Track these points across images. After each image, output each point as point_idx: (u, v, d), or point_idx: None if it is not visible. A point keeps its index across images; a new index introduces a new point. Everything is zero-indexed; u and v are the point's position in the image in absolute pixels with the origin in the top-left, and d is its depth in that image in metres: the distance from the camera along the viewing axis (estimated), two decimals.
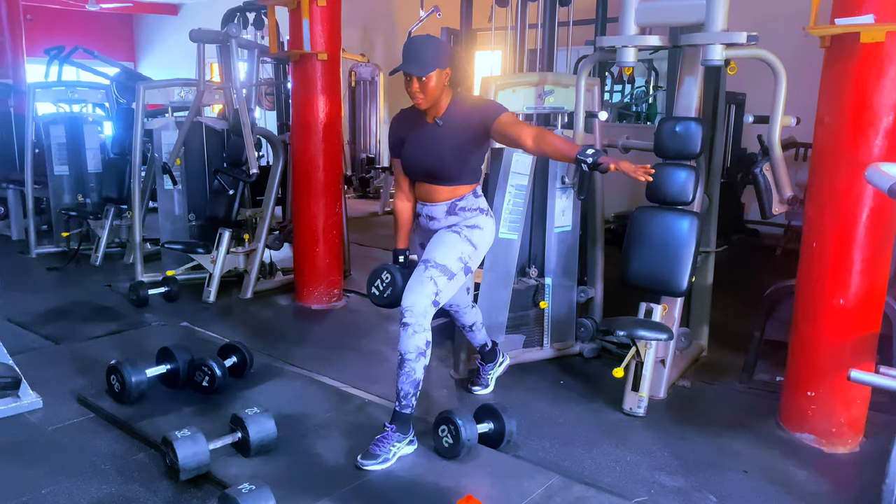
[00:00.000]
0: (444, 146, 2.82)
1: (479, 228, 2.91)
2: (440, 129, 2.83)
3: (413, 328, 2.73)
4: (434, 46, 2.74)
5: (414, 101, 2.81)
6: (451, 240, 2.87)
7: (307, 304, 5.06)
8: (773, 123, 3.08)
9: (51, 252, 6.50)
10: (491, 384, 3.60)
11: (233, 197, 5.15)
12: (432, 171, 2.88)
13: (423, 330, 2.74)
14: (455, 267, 2.82)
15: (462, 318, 3.35)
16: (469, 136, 2.80)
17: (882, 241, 2.92)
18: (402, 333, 2.76)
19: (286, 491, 2.55)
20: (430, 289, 2.76)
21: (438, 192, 2.90)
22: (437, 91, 2.76)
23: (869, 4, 2.70)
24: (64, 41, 8.52)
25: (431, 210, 2.95)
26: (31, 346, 4.10)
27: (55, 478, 2.71)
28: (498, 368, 3.60)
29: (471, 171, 2.90)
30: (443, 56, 2.74)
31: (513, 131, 2.68)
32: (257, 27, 6.68)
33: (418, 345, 2.74)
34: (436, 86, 2.74)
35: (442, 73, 2.75)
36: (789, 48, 3.51)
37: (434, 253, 2.84)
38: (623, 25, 3.31)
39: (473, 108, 2.82)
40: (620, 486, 2.77)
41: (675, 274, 3.37)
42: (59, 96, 6.76)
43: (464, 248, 2.86)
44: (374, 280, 2.99)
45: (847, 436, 3.06)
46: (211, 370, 3.36)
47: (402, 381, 2.78)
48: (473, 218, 2.91)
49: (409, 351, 2.75)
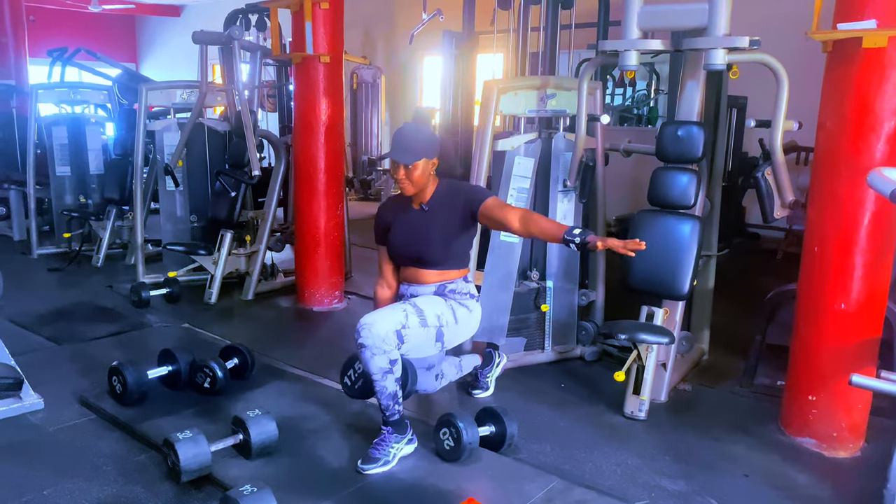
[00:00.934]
0: (429, 230, 2.85)
1: (468, 309, 2.90)
2: (426, 213, 2.87)
3: (371, 350, 2.66)
4: (423, 137, 2.81)
5: (399, 187, 2.85)
6: (437, 301, 2.85)
7: (308, 306, 5.07)
8: (774, 128, 3.08)
9: (52, 253, 6.51)
10: (491, 387, 3.60)
11: (234, 198, 5.15)
12: (418, 256, 2.88)
13: (383, 352, 2.67)
14: (431, 320, 2.78)
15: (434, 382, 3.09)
16: (455, 221, 2.83)
17: (883, 245, 2.92)
18: (362, 355, 2.70)
19: (287, 493, 2.55)
20: (399, 318, 2.71)
21: (426, 276, 2.89)
22: (423, 179, 2.81)
23: (871, 9, 2.70)
24: (66, 42, 8.55)
25: (417, 290, 2.92)
26: (32, 347, 4.11)
27: (56, 479, 2.72)
28: (496, 370, 3.62)
29: (458, 255, 2.90)
30: (431, 146, 2.80)
31: (499, 214, 2.69)
32: (259, 29, 6.68)
33: (381, 366, 2.68)
34: (421, 174, 2.79)
35: (428, 163, 2.81)
36: (791, 53, 3.51)
37: (418, 299, 2.84)
38: (625, 29, 3.31)
39: (458, 193, 2.85)
40: (621, 489, 2.77)
41: (677, 277, 3.37)
42: (61, 97, 6.77)
43: (445, 312, 2.83)
44: (347, 370, 2.99)
45: (848, 440, 3.06)
46: (212, 372, 3.37)
47: (381, 398, 2.75)
48: (464, 300, 2.91)
49: (374, 372, 2.70)
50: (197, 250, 5.23)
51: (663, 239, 3.42)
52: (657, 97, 8.49)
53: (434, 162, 2.83)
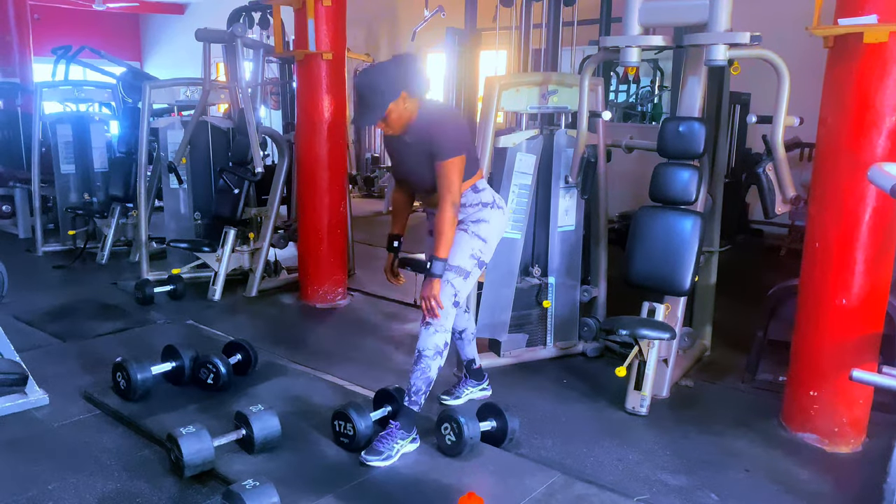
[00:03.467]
0: (415, 160, 2.87)
1: (486, 222, 2.92)
2: (409, 145, 2.87)
3: (434, 327, 2.82)
4: (379, 84, 2.73)
5: (387, 133, 2.87)
6: (460, 239, 2.88)
7: (311, 303, 5.09)
8: (776, 123, 3.08)
9: (57, 250, 6.54)
10: (462, 400, 3.43)
11: (238, 196, 5.17)
12: (414, 183, 3.00)
13: (444, 330, 2.84)
14: (468, 265, 2.87)
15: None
16: (428, 152, 2.80)
17: (885, 241, 2.92)
18: (422, 331, 2.85)
19: (290, 487, 2.57)
20: (449, 291, 2.83)
21: (433, 197, 2.89)
22: (402, 118, 2.79)
23: (872, 5, 2.70)
24: (71, 40, 8.57)
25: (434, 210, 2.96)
26: (37, 344, 4.13)
27: (61, 473, 2.74)
28: (478, 391, 3.47)
29: None
30: (391, 88, 2.71)
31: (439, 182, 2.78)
32: (263, 27, 6.70)
33: (437, 343, 2.83)
34: (397, 117, 2.78)
35: (399, 101, 2.73)
36: (793, 48, 3.51)
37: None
38: (627, 25, 3.31)
39: (427, 135, 2.79)
40: (622, 484, 2.78)
41: (678, 273, 3.38)
42: (65, 95, 6.79)
43: (473, 245, 2.89)
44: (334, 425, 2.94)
45: (849, 436, 3.07)
46: (216, 368, 3.39)
47: (416, 377, 2.85)
48: (477, 213, 2.92)
49: (428, 348, 2.83)
50: (201, 247, 5.25)
51: (665, 235, 3.42)
52: (661, 94, 8.48)
53: (403, 96, 2.72)
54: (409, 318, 4.75)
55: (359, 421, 2.82)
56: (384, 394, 3.09)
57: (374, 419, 2.96)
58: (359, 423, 2.82)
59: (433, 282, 2.77)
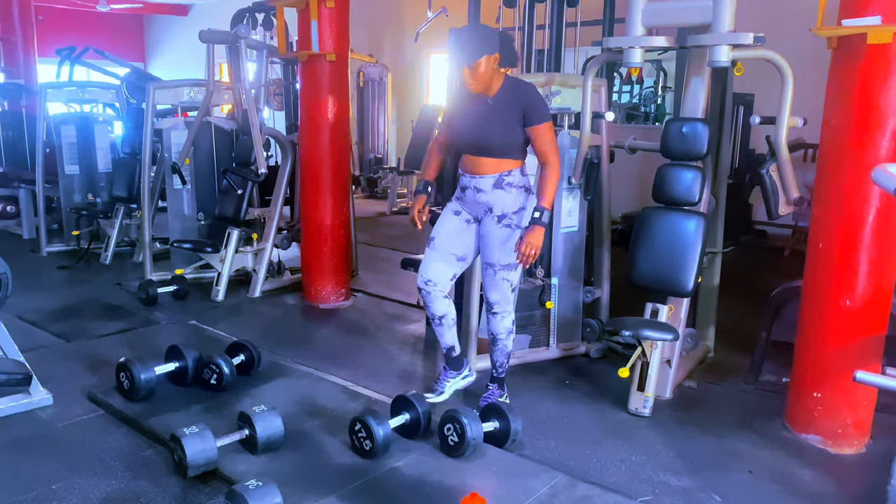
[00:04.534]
0: (492, 122, 3.00)
1: (524, 209, 3.10)
2: (491, 106, 3.01)
3: (502, 315, 3.21)
4: (480, 34, 2.91)
5: (466, 86, 2.97)
6: (507, 236, 3.09)
7: (315, 304, 5.09)
8: (779, 124, 3.07)
9: (61, 251, 6.55)
10: (446, 393, 3.41)
11: (241, 196, 5.18)
12: (480, 145, 3.05)
13: (510, 313, 3.23)
14: (515, 259, 3.08)
15: (432, 305, 3.24)
16: (515, 118, 2.99)
17: (889, 242, 2.91)
18: (492, 319, 3.23)
19: (293, 487, 2.57)
20: (507, 287, 3.16)
21: (485, 165, 3.06)
22: (488, 75, 2.93)
23: (876, 5, 2.70)
24: (75, 41, 8.59)
25: (479, 182, 3.09)
26: (41, 344, 4.14)
27: (65, 473, 2.74)
28: (460, 380, 3.44)
29: (516, 147, 3.06)
30: (490, 42, 2.89)
31: (536, 146, 3.02)
32: (266, 28, 6.72)
33: (507, 326, 3.24)
34: (485, 70, 2.91)
35: (490, 59, 2.90)
36: (797, 49, 3.51)
37: (494, 255, 3.12)
38: (630, 26, 3.31)
39: (522, 97, 2.99)
40: (625, 485, 2.78)
41: (681, 274, 3.37)
42: (70, 96, 6.82)
43: (517, 238, 3.08)
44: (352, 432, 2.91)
45: (853, 437, 3.06)
46: (219, 368, 3.39)
47: (497, 355, 3.30)
48: (519, 199, 3.09)
49: (500, 332, 3.23)
50: (204, 248, 5.26)
51: (668, 236, 3.42)
52: (664, 94, 8.47)
53: (496, 57, 2.91)
54: (412, 319, 4.76)
55: (377, 429, 2.78)
56: (403, 400, 3.02)
57: (393, 426, 2.91)
58: (377, 431, 2.78)
59: (538, 230, 2.97)
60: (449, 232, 3.21)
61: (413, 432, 2.97)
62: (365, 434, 2.81)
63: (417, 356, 4.21)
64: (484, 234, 3.15)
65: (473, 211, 3.17)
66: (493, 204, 3.09)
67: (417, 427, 2.95)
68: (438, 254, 3.20)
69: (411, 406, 2.98)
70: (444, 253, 3.20)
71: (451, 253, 3.20)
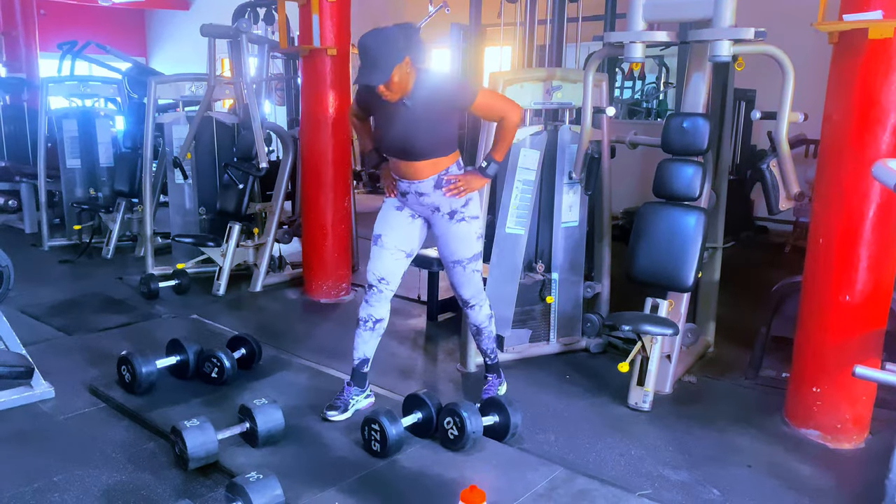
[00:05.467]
0: (417, 125, 2.84)
1: (472, 199, 3.06)
2: (411, 109, 2.83)
3: (479, 305, 3.22)
4: (386, 46, 2.67)
5: (384, 97, 2.80)
6: (466, 232, 3.06)
7: (315, 298, 5.10)
8: (780, 119, 3.07)
9: (63, 245, 6.56)
10: (349, 412, 3.13)
11: (243, 191, 5.18)
12: (409, 150, 2.91)
13: (484, 301, 3.24)
14: (479, 247, 3.12)
15: (377, 305, 3.11)
16: (439, 114, 2.86)
17: (888, 237, 2.91)
18: (470, 313, 3.25)
19: (293, 480, 2.58)
20: (478, 278, 3.17)
21: (421, 170, 2.94)
22: (403, 83, 2.76)
23: (877, 0, 2.69)
24: (76, 36, 8.58)
25: (419, 187, 2.98)
26: (43, 337, 4.16)
27: (66, 465, 2.76)
28: (362, 399, 3.21)
29: (445, 143, 2.94)
30: (398, 49, 2.68)
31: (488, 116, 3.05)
32: (268, 22, 6.70)
33: (487, 312, 3.26)
34: (401, 80, 2.74)
35: (403, 66, 2.70)
36: (798, 45, 3.50)
37: (459, 252, 3.09)
38: (631, 21, 3.31)
39: (441, 90, 2.86)
40: (624, 479, 2.79)
41: (681, 269, 3.38)
42: (71, 91, 6.81)
43: (474, 229, 3.09)
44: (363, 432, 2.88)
45: (852, 432, 3.07)
46: (220, 362, 3.40)
47: (485, 343, 3.32)
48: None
49: (482, 321, 3.26)
50: (205, 242, 5.27)
51: (668, 231, 3.42)
52: (666, 90, 8.45)
53: (407, 61, 2.71)
54: (412, 314, 4.77)
55: (390, 428, 2.77)
56: (414, 399, 3.00)
57: (406, 425, 2.89)
58: (390, 431, 2.76)
59: (479, 177, 3.00)
60: (395, 228, 3.10)
61: (425, 431, 2.96)
62: (378, 435, 2.79)
63: (418, 350, 4.22)
64: (440, 234, 3.07)
65: (419, 211, 3.07)
66: (440, 204, 2.99)
67: (429, 426, 2.95)
68: (389, 252, 3.08)
69: (423, 404, 2.97)
70: (394, 251, 3.09)
71: (400, 250, 3.10)
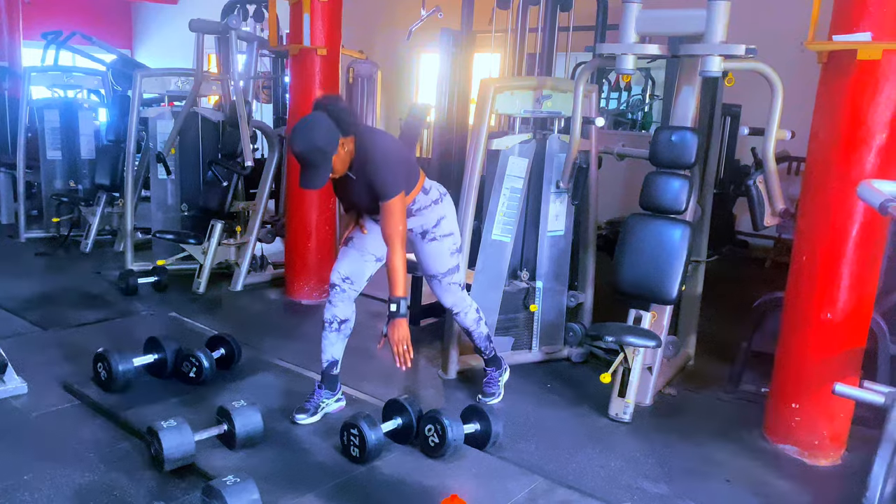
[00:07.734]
0: (365, 190, 2.88)
1: (444, 217, 3.12)
2: (355, 181, 2.90)
3: (464, 311, 3.33)
4: (318, 144, 2.67)
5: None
6: (437, 249, 3.16)
7: (297, 299, 5.06)
8: (768, 136, 3.10)
9: (40, 237, 6.47)
10: (318, 415, 3.12)
11: (226, 189, 5.13)
12: (366, 208, 3.03)
13: (470, 304, 3.35)
14: (454, 261, 3.21)
15: (340, 305, 3.08)
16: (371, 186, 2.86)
17: (871, 257, 2.94)
18: (457, 318, 3.37)
19: (271, 484, 2.55)
20: (456, 288, 3.27)
21: None
22: (345, 163, 2.82)
23: (866, 22, 2.72)
24: (61, 26, 8.46)
25: None
26: (17, 331, 4.08)
27: (38, 464, 2.70)
28: (333, 402, 3.20)
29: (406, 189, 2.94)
30: (329, 143, 2.70)
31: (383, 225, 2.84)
32: (257, 20, 6.66)
33: (473, 316, 3.37)
34: (341, 162, 2.80)
35: (339, 152, 2.75)
36: (787, 63, 3.53)
37: (433, 268, 3.20)
38: (623, 33, 3.32)
39: (367, 173, 2.82)
40: (604, 490, 2.79)
41: (665, 282, 3.39)
42: (54, 81, 6.72)
43: (447, 245, 3.16)
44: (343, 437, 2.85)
45: (829, 449, 3.09)
46: (198, 361, 3.36)
47: (479, 342, 3.43)
48: (433, 212, 3.08)
49: (470, 324, 3.37)
50: (187, 239, 5.21)
51: (653, 243, 3.43)
52: (652, 102, 8.52)
53: (341, 143, 2.73)
54: None
55: (370, 433, 2.74)
56: (395, 405, 2.99)
57: (386, 431, 2.87)
58: (369, 437, 2.74)
59: (400, 322, 2.83)
60: (370, 233, 3.08)
61: (405, 438, 2.94)
62: (357, 440, 2.77)
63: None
64: (415, 250, 3.21)
65: None
66: (413, 226, 3.08)
67: (409, 432, 2.93)
68: (359, 253, 3.08)
69: (404, 410, 2.96)
70: (365, 253, 3.09)
71: (370, 253, 3.10)
